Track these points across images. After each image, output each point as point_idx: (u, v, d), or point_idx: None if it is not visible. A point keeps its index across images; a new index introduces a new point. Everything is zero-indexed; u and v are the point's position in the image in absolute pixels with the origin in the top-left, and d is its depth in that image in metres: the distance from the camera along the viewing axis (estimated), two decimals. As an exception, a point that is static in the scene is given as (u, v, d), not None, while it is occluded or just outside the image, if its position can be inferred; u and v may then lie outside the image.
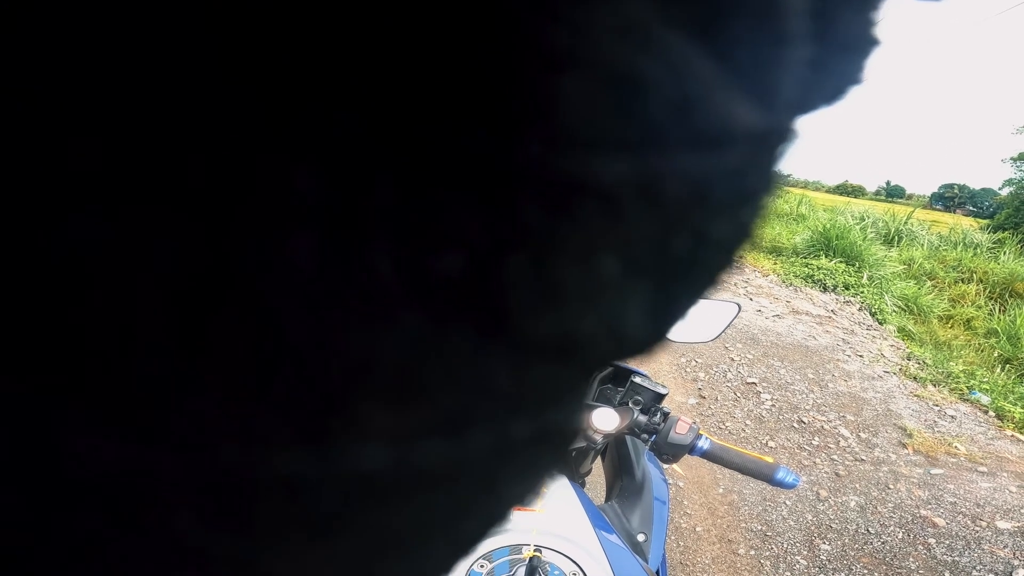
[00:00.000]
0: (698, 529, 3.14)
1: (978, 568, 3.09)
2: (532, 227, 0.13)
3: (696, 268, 0.16)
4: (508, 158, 0.13)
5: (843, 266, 8.94)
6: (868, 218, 12.39)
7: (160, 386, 0.12)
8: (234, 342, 0.12)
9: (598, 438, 1.32)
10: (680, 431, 1.31)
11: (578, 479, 1.59)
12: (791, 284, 8.39)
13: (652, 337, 0.17)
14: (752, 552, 3.05)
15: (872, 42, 0.17)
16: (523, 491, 0.18)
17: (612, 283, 0.15)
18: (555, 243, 0.13)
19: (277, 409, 0.13)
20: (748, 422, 4.29)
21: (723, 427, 4.17)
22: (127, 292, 0.11)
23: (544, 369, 0.15)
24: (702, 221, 0.16)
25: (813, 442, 4.12)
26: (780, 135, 0.16)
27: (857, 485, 3.70)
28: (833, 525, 3.31)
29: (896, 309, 8.00)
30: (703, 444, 1.32)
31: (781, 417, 4.41)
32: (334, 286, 0.12)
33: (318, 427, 0.13)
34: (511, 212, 0.13)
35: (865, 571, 3.02)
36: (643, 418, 1.34)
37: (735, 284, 7.78)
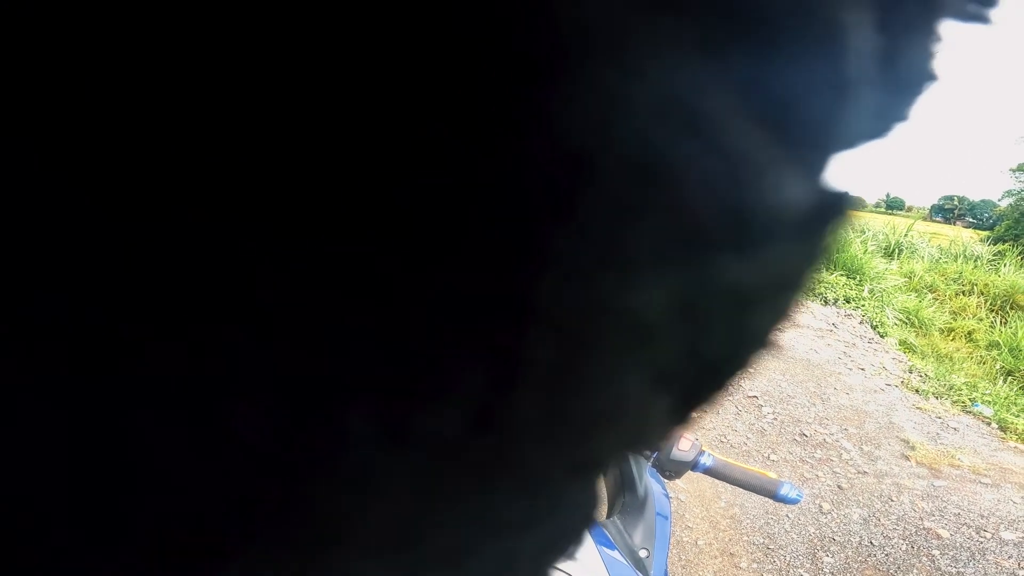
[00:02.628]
0: (700, 543, 3.12)
1: (982, 581, 3.08)
2: (546, 365, 0.11)
3: (728, 363, 0.15)
4: (518, 296, 0.10)
5: (844, 279, 8.91)
6: (868, 231, 12.36)
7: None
8: (173, 524, 0.10)
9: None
10: (682, 448, 1.31)
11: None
12: (792, 297, 8.33)
13: (675, 426, 0.15)
14: (755, 565, 3.03)
15: (931, 78, 0.15)
16: None
17: (635, 401, 0.13)
18: (572, 375, 0.11)
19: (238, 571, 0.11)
20: (750, 435, 4.27)
21: (724, 440, 4.16)
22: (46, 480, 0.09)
23: (555, 487, 0.13)
24: (739, 320, 0.14)
25: (815, 455, 4.11)
26: (833, 210, 0.14)
27: (860, 498, 3.68)
28: (836, 538, 3.29)
29: (897, 322, 7.97)
30: (706, 461, 1.31)
31: (783, 430, 4.39)
32: (299, 456, 0.10)
33: None
34: (521, 355, 0.11)
35: (868, 585, 3.00)
36: (645, 434, 1.34)
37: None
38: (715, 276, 0.12)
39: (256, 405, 0.10)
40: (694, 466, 1.31)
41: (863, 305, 8.19)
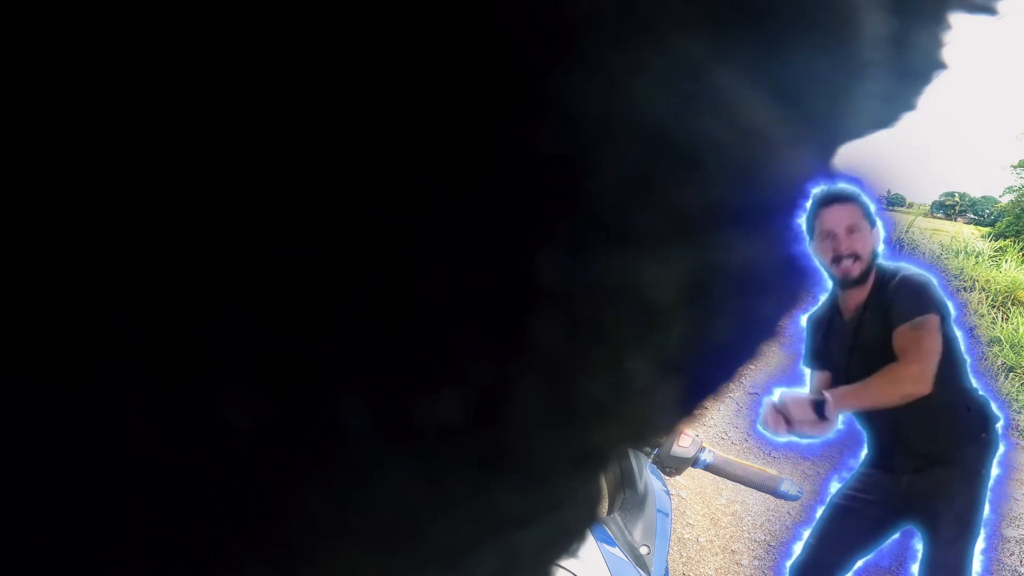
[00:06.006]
0: (701, 540, 3.12)
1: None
2: (550, 352, 0.10)
3: (738, 346, 0.14)
4: (523, 280, 0.10)
5: (845, 275, 8.93)
6: (869, 227, 12.37)
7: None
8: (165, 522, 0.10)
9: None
10: (683, 444, 1.31)
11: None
12: (793, 293, 8.36)
13: (684, 417, 0.15)
14: (756, 563, 3.03)
15: (940, 67, 0.15)
16: None
17: (641, 387, 0.12)
18: (574, 359, 0.11)
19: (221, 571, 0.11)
20: (751, 432, 4.27)
21: (726, 437, 4.16)
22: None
23: (557, 479, 0.13)
24: (747, 301, 0.13)
25: (817, 451, 4.11)
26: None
27: (861, 495, 3.68)
28: (837, 535, 3.29)
29: (898, 318, 7.98)
30: (706, 457, 1.32)
31: (784, 427, 4.39)
32: (294, 448, 0.10)
33: None
34: (525, 341, 0.10)
35: (870, 582, 3.00)
36: (645, 431, 1.34)
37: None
38: (723, 255, 0.12)
39: (250, 393, 0.09)
40: (694, 462, 1.31)
41: (864, 302, 8.19)
